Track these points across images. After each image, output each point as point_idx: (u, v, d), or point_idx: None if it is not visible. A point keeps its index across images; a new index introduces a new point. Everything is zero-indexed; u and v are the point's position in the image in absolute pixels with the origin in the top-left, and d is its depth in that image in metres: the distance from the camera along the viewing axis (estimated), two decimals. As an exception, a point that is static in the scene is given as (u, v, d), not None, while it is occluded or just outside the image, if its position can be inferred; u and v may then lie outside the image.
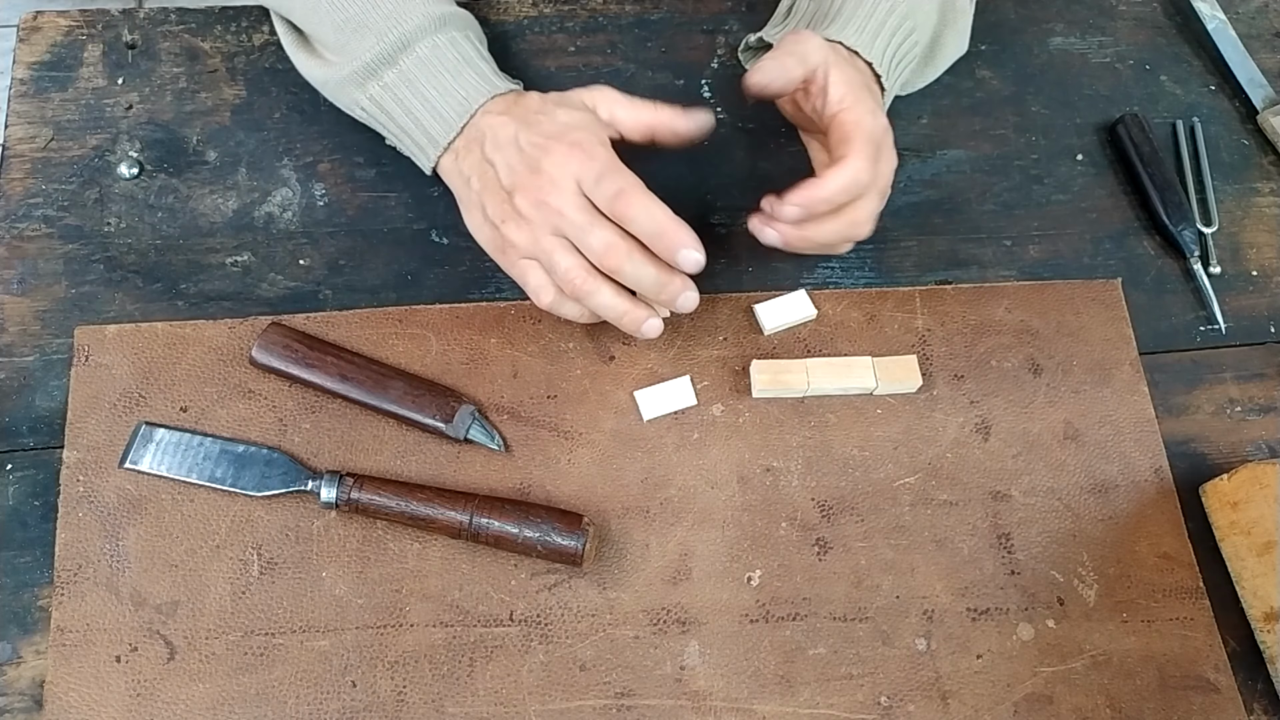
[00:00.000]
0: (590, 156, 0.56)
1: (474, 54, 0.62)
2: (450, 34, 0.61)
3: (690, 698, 0.56)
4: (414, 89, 0.61)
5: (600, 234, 0.55)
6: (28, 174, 0.66)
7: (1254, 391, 0.67)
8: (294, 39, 0.66)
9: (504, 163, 0.58)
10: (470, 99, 0.60)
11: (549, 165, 0.56)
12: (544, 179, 0.56)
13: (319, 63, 0.64)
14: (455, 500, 0.57)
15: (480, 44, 0.64)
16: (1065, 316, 0.67)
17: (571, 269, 0.56)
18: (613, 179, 0.55)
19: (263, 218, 0.66)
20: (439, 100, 0.60)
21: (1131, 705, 0.58)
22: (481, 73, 0.61)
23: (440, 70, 0.60)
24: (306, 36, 0.65)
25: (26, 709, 0.54)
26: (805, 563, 0.60)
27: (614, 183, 0.55)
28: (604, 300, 0.57)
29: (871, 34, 0.63)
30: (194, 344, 0.62)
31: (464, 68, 0.61)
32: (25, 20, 0.71)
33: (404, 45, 0.60)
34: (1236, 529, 0.60)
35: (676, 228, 0.55)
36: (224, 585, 0.56)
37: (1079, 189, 0.72)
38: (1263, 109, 0.75)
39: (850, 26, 0.63)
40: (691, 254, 0.55)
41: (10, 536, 0.57)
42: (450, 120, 0.60)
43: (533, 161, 0.57)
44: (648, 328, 0.58)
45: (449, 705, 0.55)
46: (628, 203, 0.55)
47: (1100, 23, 0.79)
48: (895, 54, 0.64)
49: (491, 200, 0.59)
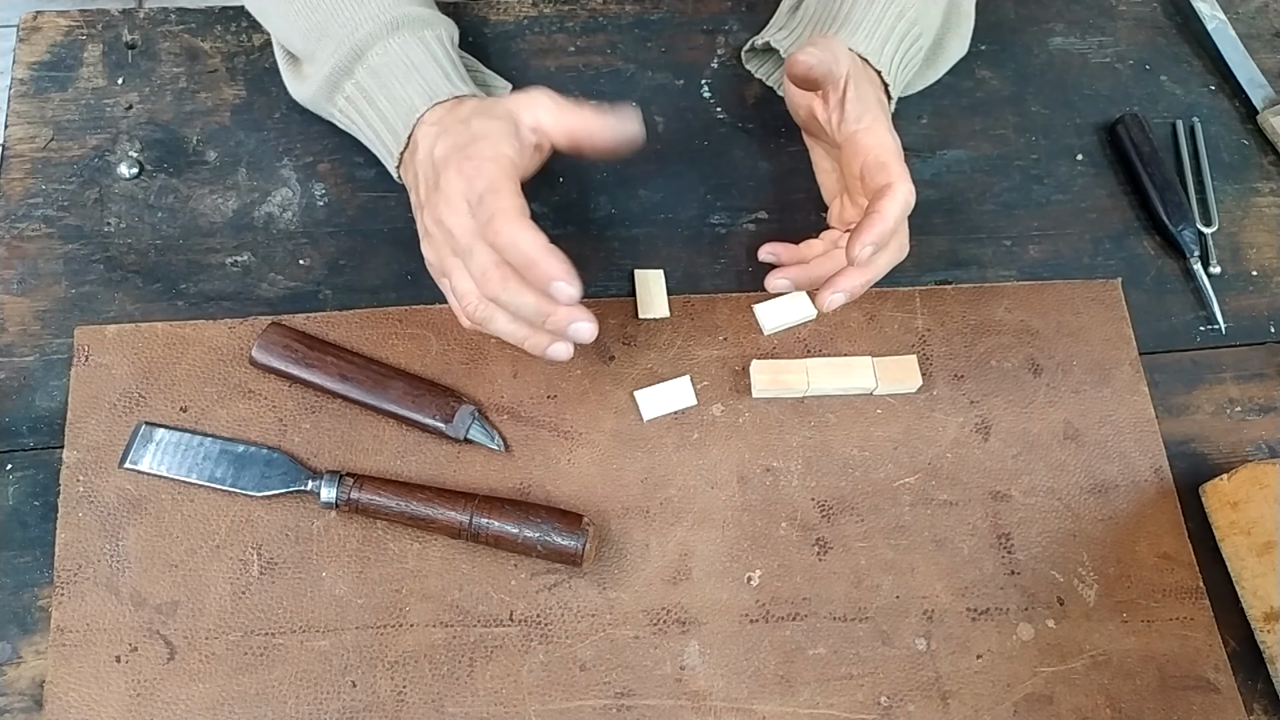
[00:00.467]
0: (477, 173, 0.52)
1: (424, 57, 0.60)
2: (403, 37, 0.60)
3: (690, 698, 0.56)
4: (369, 99, 0.60)
5: (479, 259, 0.52)
6: (28, 174, 0.66)
7: (1254, 391, 0.67)
8: (284, 57, 0.67)
9: (421, 176, 0.56)
10: (414, 107, 0.58)
11: (444, 182, 0.53)
12: (441, 196, 0.53)
13: (300, 80, 0.65)
14: (455, 500, 0.57)
15: (438, 44, 0.61)
16: (1065, 316, 0.67)
17: (466, 294, 0.53)
18: (489, 201, 0.51)
19: (263, 218, 0.66)
20: (388, 109, 0.59)
21: (1131, 705, 0.58)
22: (427, 78, 0.59)
23: (390, 78, 0.59)
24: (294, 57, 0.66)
25: (26, 709, 0.54)
26: (805, 563, 0.60)
27: (488, 206, 0.51)
28: (500, 326, 0.54)
29: (881, 40, 0.63)
30: (194, 344, 0.62)
31: (412, 73, 0.59)
32: (25, 20, 0.71)
33: (357, 54, 0.59)
34: (1236, 529, 0.60)
35: (546, 257, 0.50)
36: (224, 585, 0.56)
37: (1079, 189, 0.72)
38: (1263, 109, 0.75)
39: (860, 32, 0.62)
40: (563, 287, 0.50)
41: (10, 536, 0.57)
42: (398, 130, 0.59)
43: (434, 178, 0.54)
44: (553, 351, 0.54)
45: (449, 705, 0.55)
46: (496, 230, 0.50)
47: (1100, 23, 0.79)
48: (901, 59, 0.64)
49: (416, 215, 0.57)
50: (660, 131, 0.72)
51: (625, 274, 0.66)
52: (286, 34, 0.63)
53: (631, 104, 0.56)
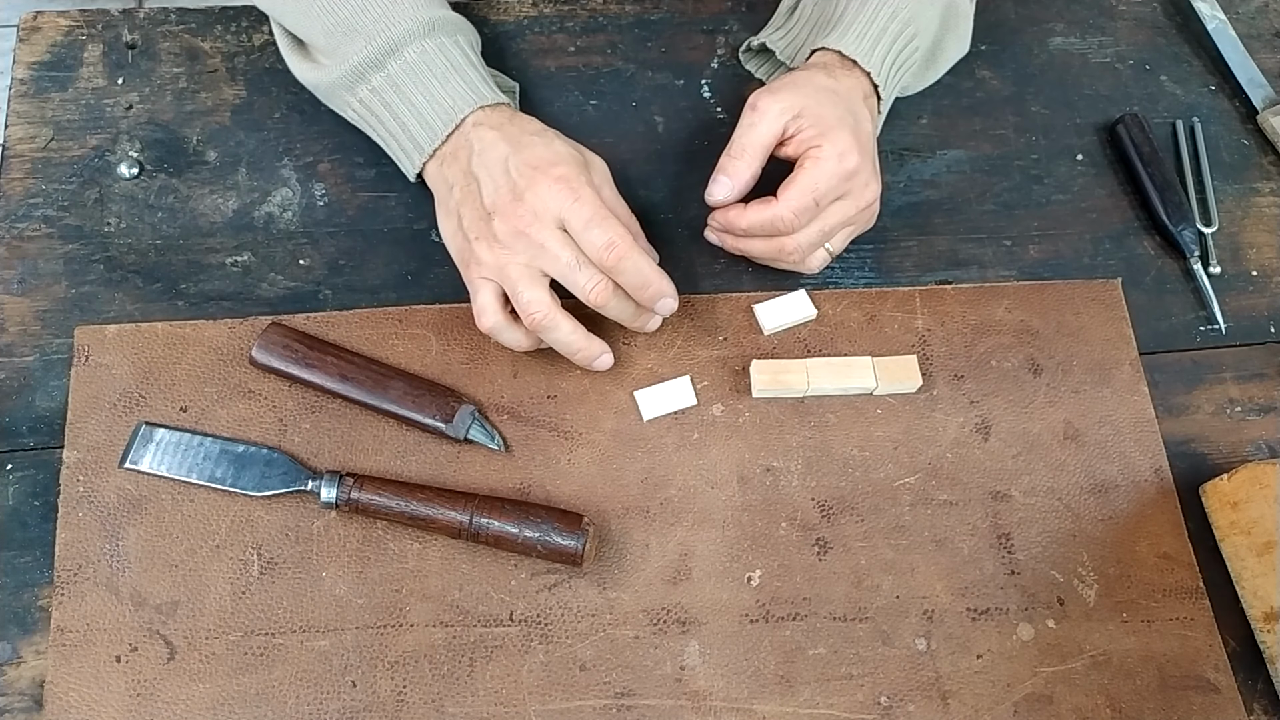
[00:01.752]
0: (577, 197, 0.56)
1: (463, 61, 0.62)
2: (439, 39, 0.61)
3: (690, 698, 0.56)
4: (401, 94, 0.61)
5: (588, 274, 0.57)
6: (28, 174, 0.66)
7: (1254, 391, 0.67)
8: (289, 42, 0.66)
9: (490, 181, 0.58)
10: (457, 107, 0.60)
11: (533, 198, 0.56)
12: (526, 209, 0.56)
13: (311, 65, 0.64)
14: (455, 500, 0.57)
15: (472, 50, 0.64)
16: (1065, 316, 0.67)
17: (534, 301, 0.57)
18: (603, 229, 0.56)
19: (263, 218, 0.66)
20: (425, 106, 0.60)
21: (1131, 705, 0.58)
22: (469, 81, 0.61)
23: (428, 76, 0.60)
24: (301, 40, 0.65)
25: (26, 709, 0.54)
26: (805, 563, 0.60)
27: (604, 233, 0.56)
28: (563, 335, 0.58)
29: (872, 41, 0.63)
30: (194, 344, 0.62)
31: (451, 75, 0.61)
32: (25, 20, 0.71)
33: (392, 50, 0.60)
34: (1236, 529, 0.60)
35: (660, 280, 0.58)
36: (224, 585, 0.56)
37: (1079, 189, 0.72)
38: (1263, 109, 0.75)
39: (850, 34, 0.63)
40: (669, 303, 0.59)
41: (10, 536, 0.57)
42: (436, 128, 0.60)
43: (518, 189, 0.57)
44: (600, 363, 0.60)
45: (449, 705, 0.55)
46: (619, 256, 0.56)
47: (1100, 23, 0.79)
48: (895, 61, 0.64)
49: (469, 214, 0.58)
50: (660, 131, 0.72)
51: (625, 274, 0.66)
52: (306, 29, 0.63)
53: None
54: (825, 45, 0.64)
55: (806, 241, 0.61)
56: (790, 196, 0.59)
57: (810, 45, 0.66)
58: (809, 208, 0.59)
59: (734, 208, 0.61)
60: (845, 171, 0.59)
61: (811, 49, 0.65)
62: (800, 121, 0.60)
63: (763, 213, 0.60)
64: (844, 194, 0.61)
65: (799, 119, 0.60)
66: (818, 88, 0.61)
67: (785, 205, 0.59)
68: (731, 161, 0.60)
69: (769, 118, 0.60)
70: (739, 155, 0.60)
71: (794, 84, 0.61)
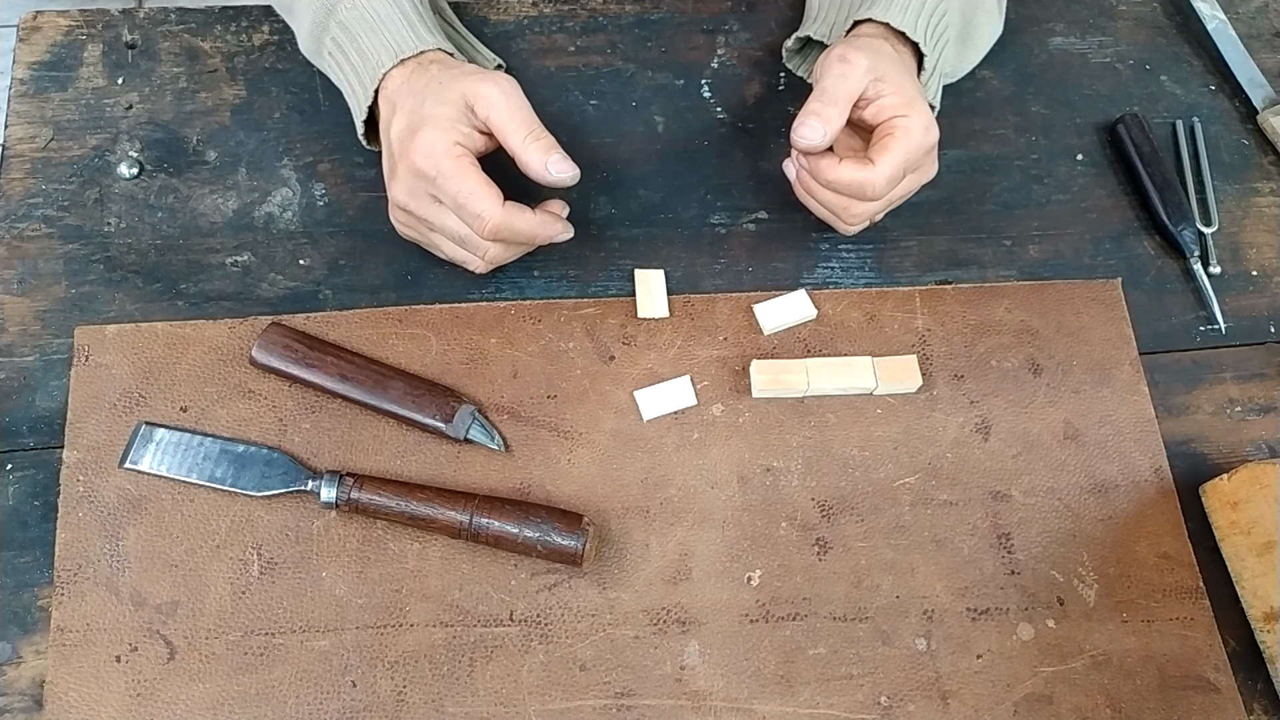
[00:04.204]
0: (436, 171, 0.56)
1: (390, 9, 0.60)
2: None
3: (690, 698, 0.56)
4: (345, 54, 0.61)
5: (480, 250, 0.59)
6: (28, 174, 0.66)
7: (1254, 391, 0.67)
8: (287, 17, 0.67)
9: (385, 152, 0.60)
10: (381, 62, 0.59)
11: (403, 173, 0.58)
12: (401, 186, 0.58)
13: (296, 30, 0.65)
14: (455, 500, 0.57)
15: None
16: (1065, 316, 0.67)
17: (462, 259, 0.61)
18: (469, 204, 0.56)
19: (263, 218, 0.66)
20: (360, 65, 0.61)
21: (1131, 705, 0.58)
22: (392, 31, 0.60)
23: (359, 32, 0.60)
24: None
25: (26, 709, 0.54)
26: (805, 563, 0.60)
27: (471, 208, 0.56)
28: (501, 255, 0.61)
29: (914, 14, 0.62)
30: (194, 344, 0.62)
31: (377, 28, 0.60)
32: (25, 20, 0.71)
33: (330, 8, 0.60)
34: (1236, 529, 0.60)
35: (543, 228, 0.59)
36: (224, 585, 0.56)
37: (1079, 189, 0.72)
38: (1263, 109, 0.75)
39: (894, 7, 0.62)
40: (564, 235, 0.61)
41: (10, 536, 0.57)
42: (367, 87, 0.60)
43: (393, 163, 0.59)
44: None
45: (449, 705, 0.55)
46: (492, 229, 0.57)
47: (1100, 23, 0.79)
48: (933, 30, 0.64)
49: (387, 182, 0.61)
50: (660, 131, 0.72)
51: (625, 274, 0.66)
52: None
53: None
54: (872, 16, 0.62)
55: (877, 209, 0.61)
56: (885, 163, 0.58)
57: (852, 17, 0.65)
58: (897, 177, 0.59)
59: (827, 157, 0.60)
60: (929, 145, 0.59)
61: (854, 19, 0.64)
62: (881, 86, 0.59)
63: (856, 173, 0.58)
64: (918, 167, 0.60)
65: (880, 82, 0.59)
66: (889, 57, 0.60)
67: (880, 172, 0.58)
68: (825, 108, 0.58)
69: (859, 71, 0.58)
70: (831, 103, 0.58)
71: (870, 48, 0.60)
